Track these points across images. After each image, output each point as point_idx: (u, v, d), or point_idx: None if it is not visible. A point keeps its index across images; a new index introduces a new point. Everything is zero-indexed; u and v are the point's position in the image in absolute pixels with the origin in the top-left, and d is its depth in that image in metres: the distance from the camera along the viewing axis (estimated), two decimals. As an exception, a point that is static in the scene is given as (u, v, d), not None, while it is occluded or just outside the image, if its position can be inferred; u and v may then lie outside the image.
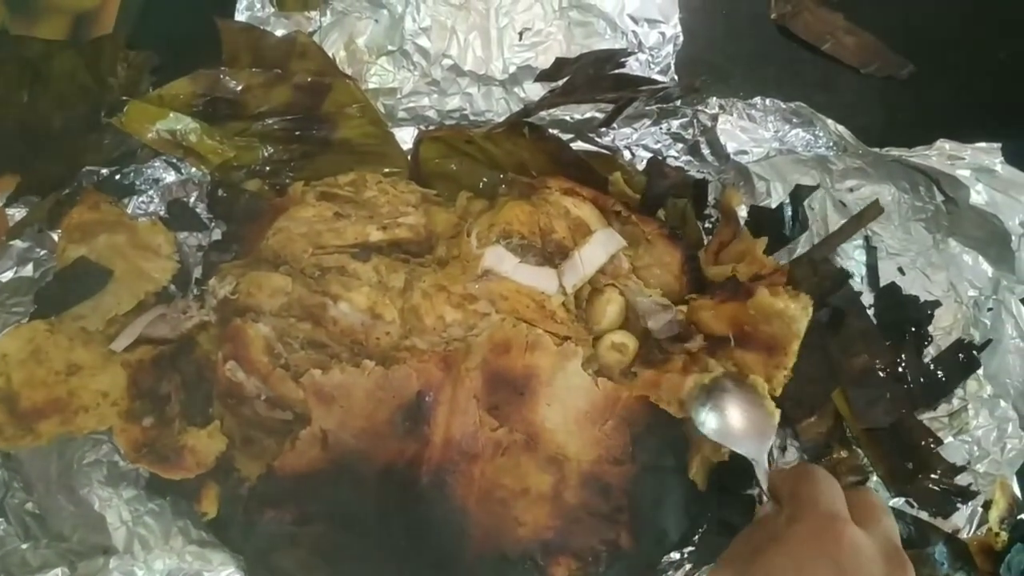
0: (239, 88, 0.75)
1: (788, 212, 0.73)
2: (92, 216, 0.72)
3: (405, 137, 0.80)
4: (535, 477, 0.68)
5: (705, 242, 0.77)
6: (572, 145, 0.78)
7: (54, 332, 0.68)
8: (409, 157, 0.80)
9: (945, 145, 0.72)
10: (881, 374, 0.72)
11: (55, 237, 0.75)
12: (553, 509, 0.68)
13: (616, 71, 0.77)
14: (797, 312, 0.65)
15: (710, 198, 0.78)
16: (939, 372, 0.72)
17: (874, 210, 0.73)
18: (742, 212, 0.73)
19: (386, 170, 0.80)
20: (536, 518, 0.68)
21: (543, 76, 0.78)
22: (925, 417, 0.71)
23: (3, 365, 0.66)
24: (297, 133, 0.78)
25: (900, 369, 0.72)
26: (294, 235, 0.73)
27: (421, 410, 0.67)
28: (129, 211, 0.77)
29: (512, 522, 0.68)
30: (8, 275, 0.74)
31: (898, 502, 0.71)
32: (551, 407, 0.67)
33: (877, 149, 0.72)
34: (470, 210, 0.77)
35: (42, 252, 0.75)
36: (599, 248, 0.72)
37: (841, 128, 0.74)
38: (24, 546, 0.69)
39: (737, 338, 0.68)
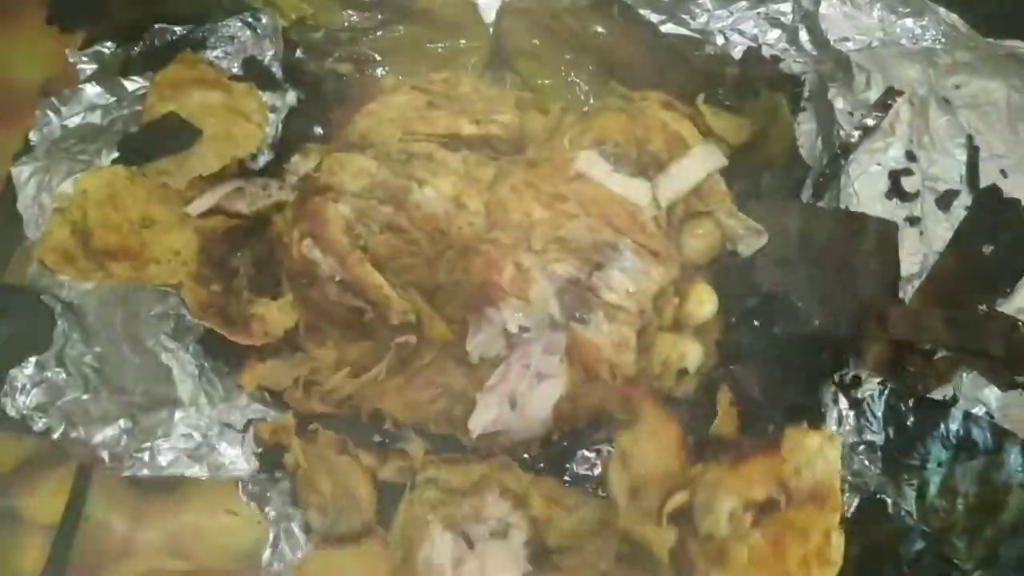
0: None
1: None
2: (188, 74, 0.70)
3: (487, 10, 0.77)
4: None
5: (797, 140, 0.73)
6: (663, 28, 0.75)
7: (134, 182, 0.67)
8: (491, 31, 0.77)
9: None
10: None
11: (127, 86, 0.72)
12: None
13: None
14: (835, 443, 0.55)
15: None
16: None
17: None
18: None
19: (463, 42, 0.77)
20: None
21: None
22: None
23: (82, 200, 0.64)
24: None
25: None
26: (384, 120, 0.71)
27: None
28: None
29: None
30: (76, 120, 0.72)
31: (980, 410, 0.68)
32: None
33: (991, 39, 0.69)
34: (564, 120, 0.73)
35: (111, 99, 0.72)
36: (697, 163, 0.68)
37: (953, 16, 0.70)
38: (85, 396, 0.68)
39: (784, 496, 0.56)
